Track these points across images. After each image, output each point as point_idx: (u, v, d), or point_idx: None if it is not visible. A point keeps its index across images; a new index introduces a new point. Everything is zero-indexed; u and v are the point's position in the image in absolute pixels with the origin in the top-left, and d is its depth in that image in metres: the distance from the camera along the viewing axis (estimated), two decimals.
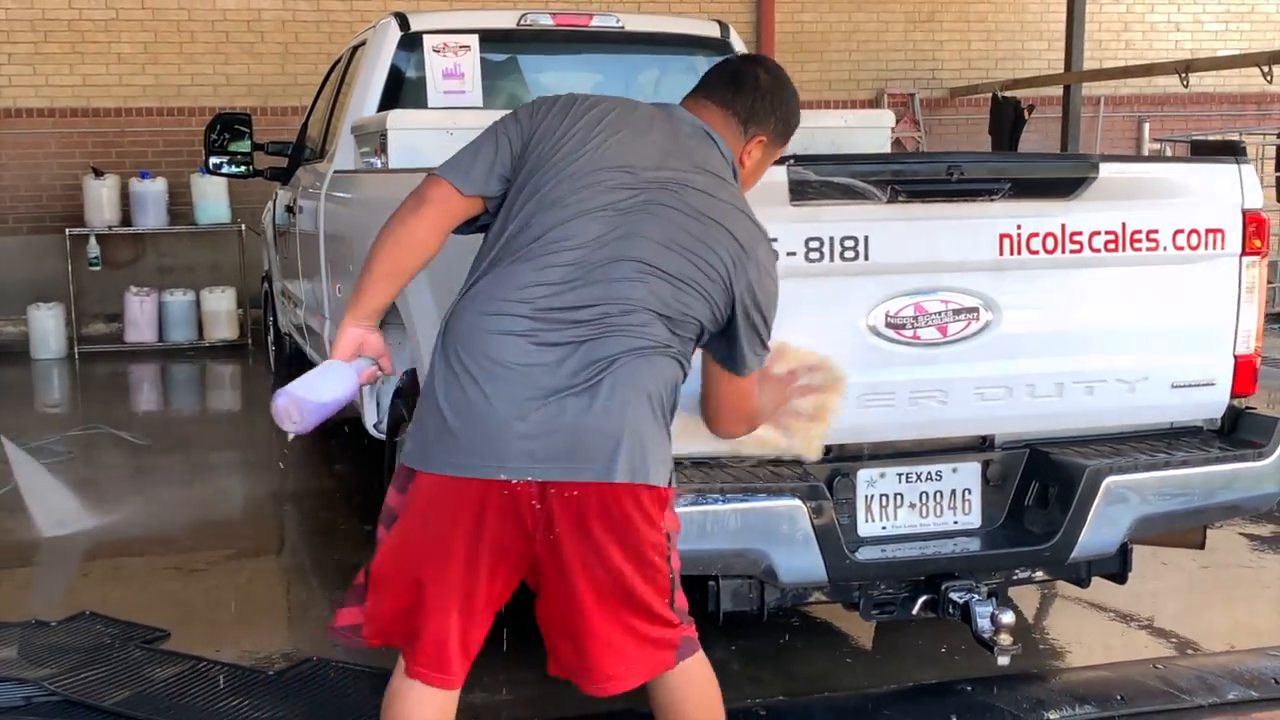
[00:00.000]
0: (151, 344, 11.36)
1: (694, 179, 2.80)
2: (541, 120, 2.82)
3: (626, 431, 2.66)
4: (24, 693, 3.96)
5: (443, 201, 2.81)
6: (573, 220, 2.71)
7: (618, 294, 2.69)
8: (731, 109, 2.95)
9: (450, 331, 2.75)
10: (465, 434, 2.65)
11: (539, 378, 2.64)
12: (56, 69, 11.59)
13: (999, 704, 3.96)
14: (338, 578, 5.22)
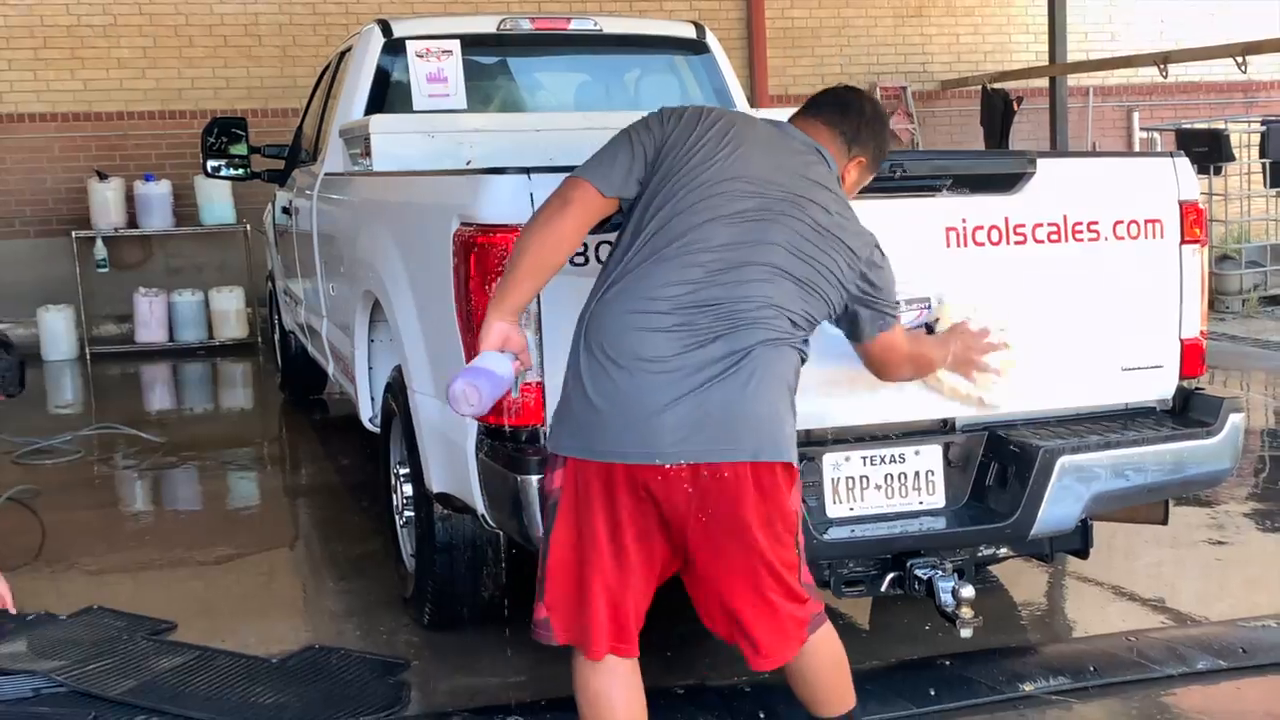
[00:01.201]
0: (162, 344, 11.54)
1: (813, 193, 3.04)
2: (672, 130, 3.02)
3: (767, 414, 2.91)
4: (33, 684, 4.09)
5: (585, 202, 2.99)
6: (705, 225, 2.93)
7: (750, 292, 2.93)
8: (839, 130, 3.19)
9: (594, 327, 2.95)
10: (617, 422, 2.87)
11: (685, 368, 2.87)
12: (57, 74, 11.76)
13: (976, 677, 4.09)
14: (346, 569, 5.39)
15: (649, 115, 3.10)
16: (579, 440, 2.93)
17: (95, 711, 3.95)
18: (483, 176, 3.62)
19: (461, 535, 4.29)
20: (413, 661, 4.41)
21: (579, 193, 2.99)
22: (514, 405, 3.50)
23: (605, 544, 2.94)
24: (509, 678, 4.23)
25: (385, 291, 4.47)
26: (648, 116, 3.09)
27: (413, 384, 4.23)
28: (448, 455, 3.92)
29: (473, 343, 3.24)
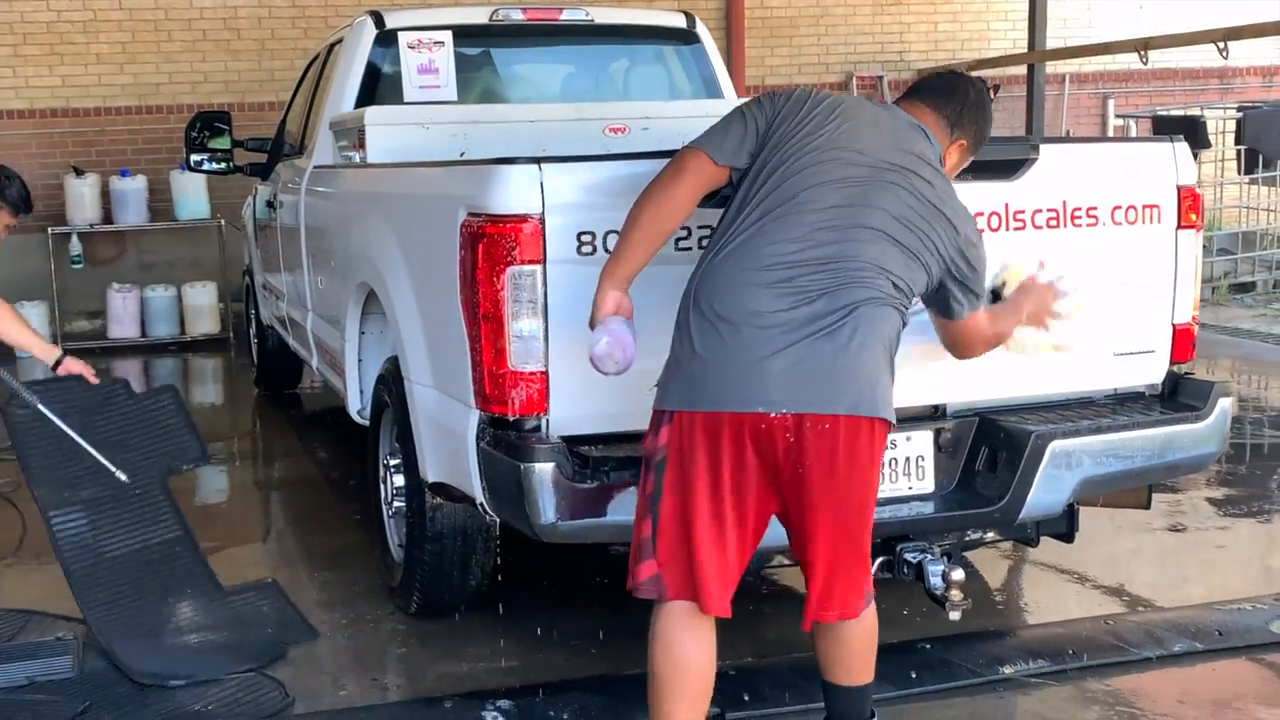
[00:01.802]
0: (135, 339, 11.47)
1: (918, 168, 3.15)
2: (783, 106, 3.13)
3: (868, 370, 3.03)
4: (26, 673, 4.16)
5: (699, 170, 3.10)
6: (813, 188, 3.04)
7: (855, 252, 3.04)
8: (943, 113, 3.30)
9: (703, 285, 3.06)
10: (725, 374, 2.99)
11: (790, 322, 2.98)
12: (36, 70, 11.69)
13: (957, 660, 4.16)
14: (328, 559, 5.41)
15: (762, 95, 3.21)
16: (685, 393, 3.04)
17: (91, 699, 3.99)
18: (493, 167, 3.65)
19: (452, 525, 4.32)
20: (399, 649, 4.48)
21: (694, 161, 3.10)
22: (518, 395, 3.54)
23: (707, 498, 3.04)
24: (496, 663, 4.28)
25: (383, 283, 4.49)
26: (761, 95, 3.20)
27: (410, 375, 4.25)
28: (446, 445, 3.95)
29: (479, 335, 3.31)
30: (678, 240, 3.51)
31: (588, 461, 3.54)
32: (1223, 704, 3.96)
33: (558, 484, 3.48)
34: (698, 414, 3.02)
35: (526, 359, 3.52)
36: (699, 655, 3.16)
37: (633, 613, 4.66)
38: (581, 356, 3.21)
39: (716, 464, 3.02)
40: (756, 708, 3.89)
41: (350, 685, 4.24)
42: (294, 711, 4.00)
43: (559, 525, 3.53)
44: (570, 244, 3.50)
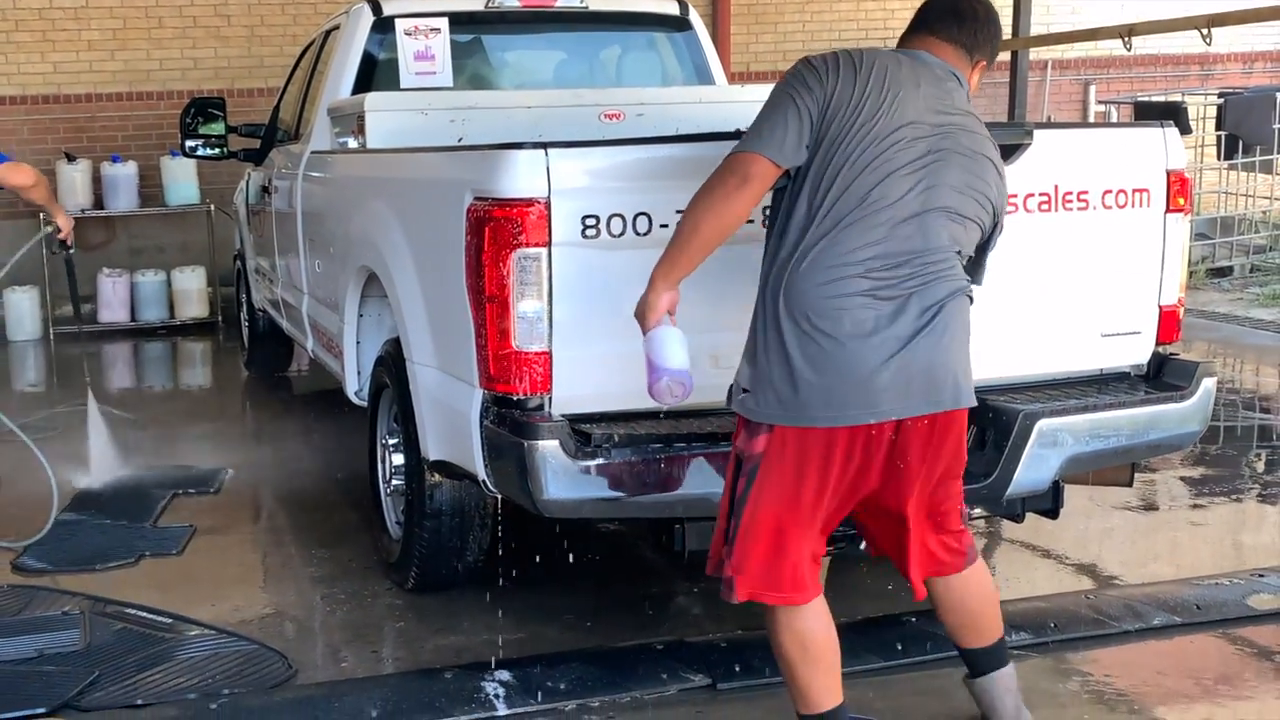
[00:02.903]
0: (124, 324, 11.49)
1: (959, 120, 3.17)
2: (833, 88, 3.05)
3: (958, 364, 3.15)
4: (36, 645, 4.26)
5: (764, 178, 3.06)
6: (884, 181, 3.04)
7: (931, 243, 3.09)
8: (958, 42, 3.27)
9: (792, 296, 3.05)
10: (833, 391, 3.03)
11: (890, 329, 3.03)
12: (28, 57, 11.70)
13: (940, 633, 4.16)
14: (324, 538, 5.50)
15: (803, 71, 3.12)
16: (791, 409, 3.07)
17: (99, 670, 4.08)
18: (501, 152, 3.71)
19: (450, 502, 4.43)
20: (398, 623, 4.59)
21: (757, 169, 3.05)
22: (522, 375, 3.63)
23: (811, 503, 3.13)
24: (491, 637, 4.38)
25: (385, 266, 4.56)
26: (803, 73, 3.11)
27: (412, 356, 4.33)
28: (448, 424, 4.03)
29: (484, 317, 3.40)
30: None
31: (589, 439, 3.62)
32: (1199, 675, 4.06)
33: (560, 461, 3.56)
34: (804, 430, 3.07)
35: (531, 340, 3.60)
36: (821, 629, 3.26)
37: (624, 588, 4.81)
38: (583, 337, 3.32)
39: (816, 474, 3.10)
40: (748, 678, 3.99)
41: (350, 657, 4.33)
42: (297, 682, 4.10)
43: (561, 501, 3.62)
44: (575, 227, 3.58)
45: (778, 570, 3.17)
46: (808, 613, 3.23)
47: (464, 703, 3.86)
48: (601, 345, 3.67)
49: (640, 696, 3.91)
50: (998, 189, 3.22)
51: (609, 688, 3.95)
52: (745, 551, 3.17)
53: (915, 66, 3.19)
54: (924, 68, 3.20)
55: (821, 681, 3.26)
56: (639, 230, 3.61)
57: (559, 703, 3.87)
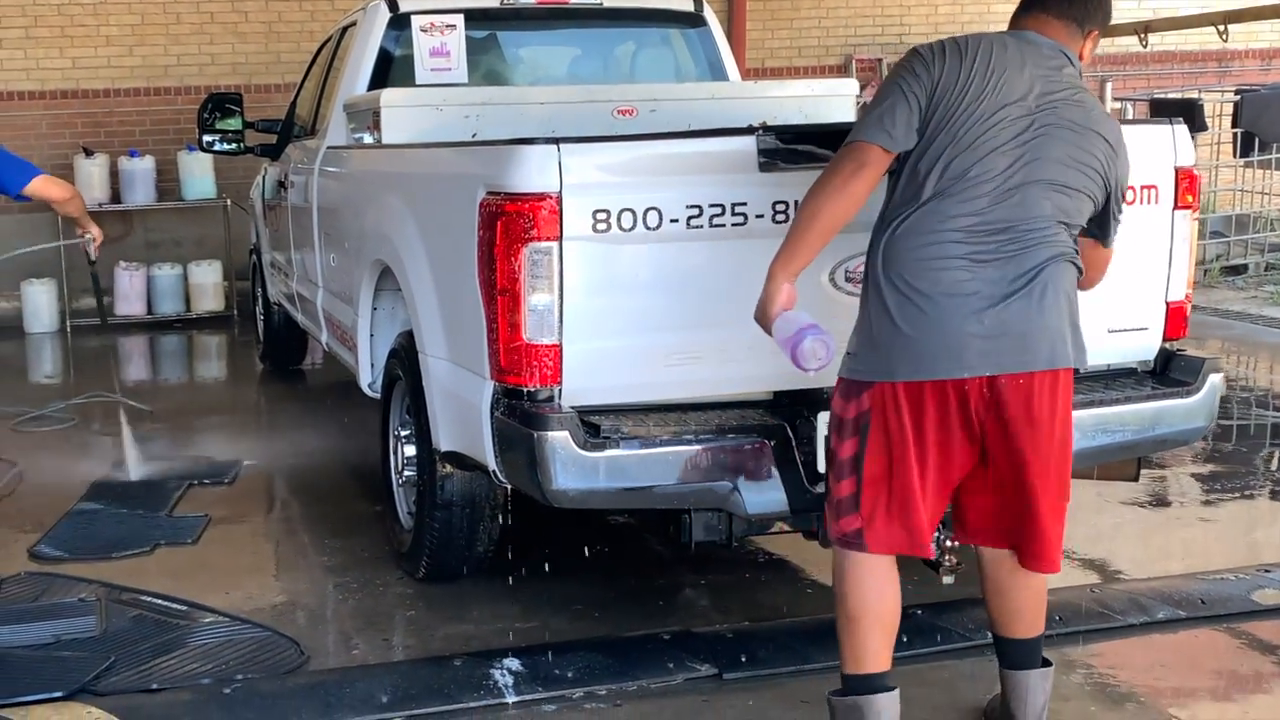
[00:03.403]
0: (141, 316, 11.58)
1: (1066, 95, 3.24)
2: (939, 74, 3.17)
3: (1057, 325, 3.22)
4: (54, 631, 4.33)
5: (877, 164, 3.18)
6: (986, 157, 3.15)
7: (1033, 212, 3.19)
8: (1070, 16, 3.35)
9: (892, 261, 3.19)
10: (928, 345, 3.16)
11: (984, 289, 3.15)
12: (47, 52, 11.78)
13: (947, 625, 4.30)
14: (336, 528, 5.56)
15: (911, 61, 3.24)
16: (886, 365, 3.21)
17: (115, 655, 4.14)
18: (513, 147, 3.76)
19: (461, 493, 4.47)
20: (409, 612, 4.65)
21: (871, 156, 3.17)
22: (532, 367, 3.68)
23: (914, 456, 3.23)
24: (501, 626, 4.45)
25: (398, 260, 4.62)
26: (911, 62, 3.23)
27: (425, 348, 4.39)
28: (460, 415, 4.08)
29: (496, 310, 3.46)
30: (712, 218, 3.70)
31: (597, 431, 3.68)
32: (1202, 668, 4.11)
33: (569, 452, 3.61)
34: (900, 383, 3.20)
35: (541, 332, 3.65)
36: (891, 595, 3.36)
37: (632, 580, 4.85)
38: (593, 330, 3.37)
39: (921, 427, 3.21)
40: (754, 668, 4.04)
41: (362, 645, 4.39)
42: (309, 668, 4.16)
43: (569, 491, 3.67)
44: (586, 222, 3.62)
45: (905, 521, 3.28)
46: (883, 574, 3.34)
47: (473, 690, 3.92)
48: (611, 339, 3.73)
49: (647, 685, 3.96)
50: (1108, 160, 3.30)
51: (616, 676, 4.00)
52: (873, 504, 3.28)
53: (1022, 47, 3.29)
54: (1031, 47, 3.29)
55: (878, 644, 3.35)
56: (649, 225, 3.65)
57: (566, 690, 3.92)
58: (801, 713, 3.80)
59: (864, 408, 3.25)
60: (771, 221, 3.70)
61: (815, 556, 4.87)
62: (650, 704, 3.87)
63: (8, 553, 5.27)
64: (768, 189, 3.74)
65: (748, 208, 3.66)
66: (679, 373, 3.75)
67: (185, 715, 3.77)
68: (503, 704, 3.86)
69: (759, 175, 3.72)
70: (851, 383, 3.29)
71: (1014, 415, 3.23)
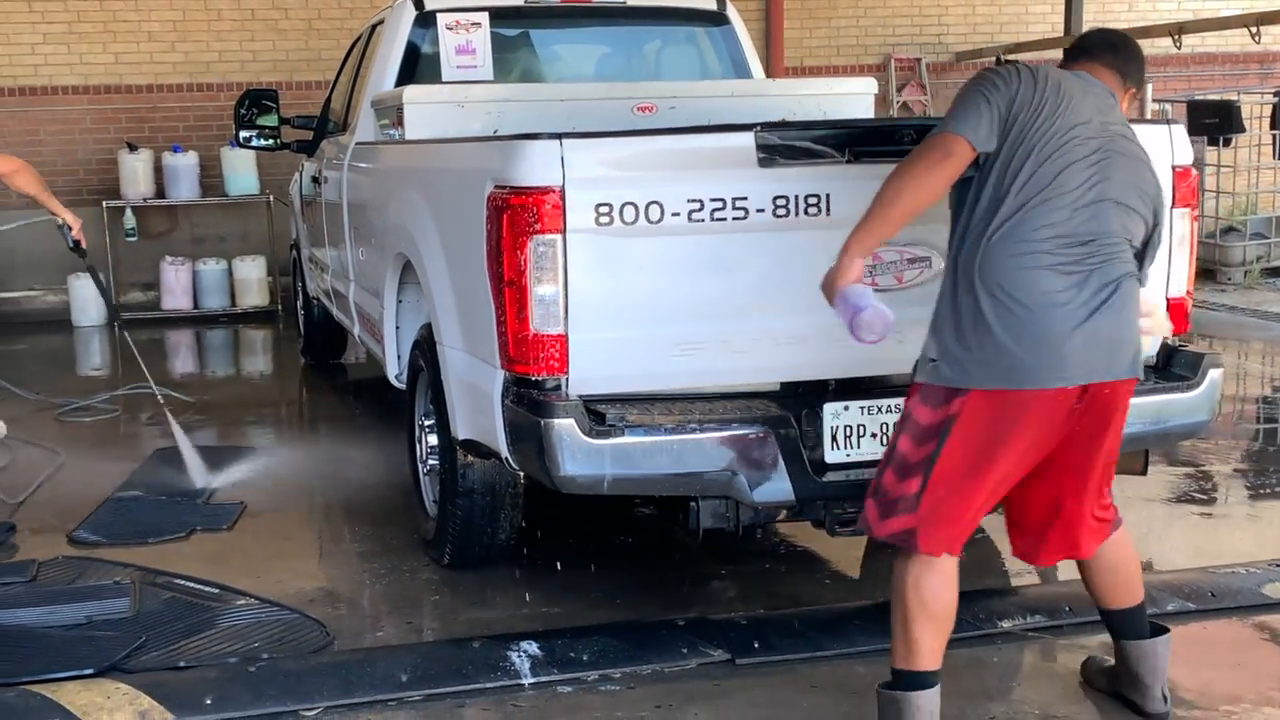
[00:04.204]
0: (187, 311, 11.80)
1: (1120, 129, 3.43)
2: (1016, 90, 3.33)
3: (1132, 337, 3.39)
4: (86, 612, 4.46)
5: (961, 155, 3.30)
6: (1065, 170, 3.29)
7: (1106, 227, 3.33)
8: (1116, 69, 3.56)
9: (987, 269, 3.29)
10: (1031, 355, 3.26)
11: (1077, 300, 3.27)
12: (90, 47, 11.99)
13: (959, 615, 4.36)
14: (368, 516, 5.69)
15: (989, 76, 3.39)
16: (987, 373, 3.29)
17: (147, 635, 4.27)
18: (517, 142, 3.87)
19: (482, 481, 4.58)
20: (433, 597, 4.76)
21: (958, 147, 3.30)
22: (539, 356, 3.79)
23: (993, 463, 3.34)
24: (522, 611, 4.55)
25: (418, 253, 4.73)
26: (990, 77, 3.39)
27: (442, 339, 4.51)
28: (475, 403, 4.20)
29: (504, 301, 3.56)
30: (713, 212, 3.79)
31: (603, 419, 3.78)
32: (1210, 658, 4.14)
33: (575, 439, 3.71)
34: (998, 392, 3.29)
35: (547, 323, 3.75)
36: (946, 592, 3.45)
37: (653, 569, 4.93)
38: (599, 320, 3.46)
39: (1010, 435, 3.31)
40: (766, 654, 4.11)
41: (387, 628, 4.51)
42: (334, 649, 4.27)
43: (576, 477, 3.77)
44: (589, 215, 3.72)
45: (958, 524, 3.40)
46: (943, 573, 3.43)
47: (491, 670, 4.01)
48: (617, 329, 3.83)
49: (661, 669, 4.04)
50: (1156, 190, 3.46)
51: (630, 660, 4.08)
52: (934, 506, 3.37)
53: (1080, 82, 3.45)
54: (1087, 84, 3.46)
55: (930, 642, 3.45)
56: (651, 218, 3.74)
57: (582, 673, 4.01)
58: (812, 698, 3.87)
59: (950, 413, 3.32)
60: (772, 216, 3.79)
61: (837, 551, 5.00)
62: (663, 687, 3.94)
63: (47, 538, 5.43)
64: (767, 184, 3.82)
65: (748, 202, 3.76)
66: (684, 363, 3.86)
67: (210, 692, 3.88)
68: (519, 685, 3.95)
69: (759, 170, 3.81)
70: (938, 389, 3.36)
71: (1098, 421, 3.39)
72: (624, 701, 3.86)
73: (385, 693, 3.91)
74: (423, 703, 3.87)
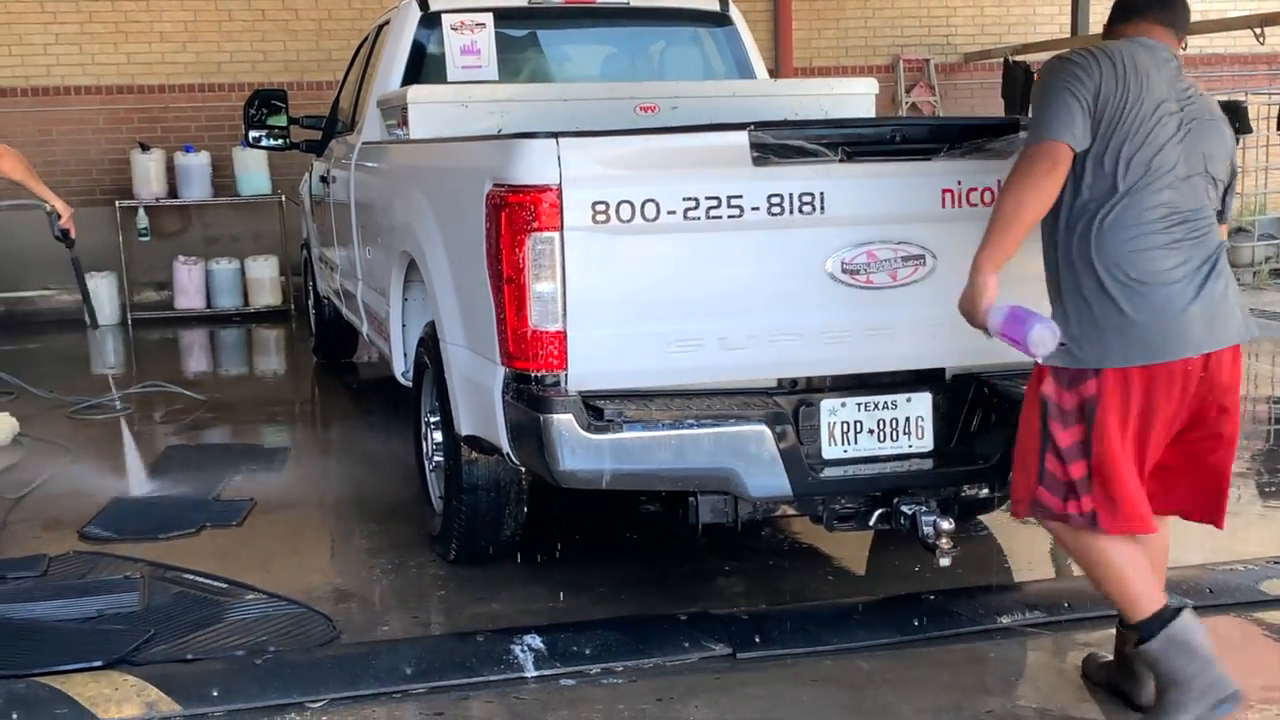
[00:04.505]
0: (200, 310, 11.89)
1: (1192, 92, 3.54)
2: (1100, 80, 3.43)
3: (1238, 301, 3.55)
4: (97, 605, 4.51)
5: (1066, 161, 3.43)
6: (1160, 152, 3.43)
7: (1200, 202, 3.50)
8: (1169, 24, 3.63)
9: (1104, 253, 3.43)
10: (1159, 329, 3.42)
11: (1188, 274, 3.43)
12: (102, 48, 12.07)
13: (958, 610, 4.40)
14: (376, 513, 5.75)
15: (1070, 68, 3.46)
16: (1120, 351, 3.44)
17: (155, 629, 4.33)
18: (515, 141, 3.92)
19: (486, 477, 4.63)
20: (439, 592, 4.81)
21: (1062, 154, 3.42)
22: (538, 352, 3.84)
23: (1143, 436, 3.50)
24: (527, 605, 4.60)
25: (421, 251, 4.79)
26: (1069, 68, 3.47)
27: (445, 336, 4.56)
28: (477, 400, 4.25)
29: (504, 298, 3.64)
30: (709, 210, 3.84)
31: (602, 414, 3.83)
32: None
33: (574, 434, 3.76)
34: (1133, 369, 3.43)
35: (546, 319, 3.80)
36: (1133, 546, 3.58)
37: (658, 565, 4.96)
38: (597, 317, 3.50)
39: (1154, 407, 3.46)
40: (767, 648, 4.16)
41: (393, 622, 4.55)
42: (340, 643, 4.32)
43: (576, 472, 3.82)
44: (586, 213, 3.76)
45: (1133, 500, 3.50)
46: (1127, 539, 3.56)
47: (494, 664, 4.06)
48: (614, 326, 3.87)
49: (662, 663, 4.08)
50: (1231, 147, 3.59)
51: (632, 654, 4.13)
52: (1108, 487, 3.48)
53: (1148, 54, 3.54)
54: (1152, 52, 3.55)
55: (1144, 587, 3.58)
56: (647, 216, 3.79)
57: (585, 666, 4.05)
58: (812, 691, 3.91)
59: (1089, 394, 3.46)
60: (767, 214, 3.83)
61: (841, 546, 5.06)
62: (665, 680, 3.98)
63: (59, 534, 5.49)
64: (762, 182, 3.87)
65: (743, 200, 3.81)
66: (682, 359, 3.91)
67: (217, 684, 3.93)
68: (522, 678, 3.99)
69: (753, 169, 3.86)
70: (1070, 371, 3.49)
71: (1224, 385, 3.52)
72: (626, 694, 3.90)
73: (389, 685, 3.95)
74: (427, 695, 3.92)
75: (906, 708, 3.78)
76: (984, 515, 5.31)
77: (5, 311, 11.85)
